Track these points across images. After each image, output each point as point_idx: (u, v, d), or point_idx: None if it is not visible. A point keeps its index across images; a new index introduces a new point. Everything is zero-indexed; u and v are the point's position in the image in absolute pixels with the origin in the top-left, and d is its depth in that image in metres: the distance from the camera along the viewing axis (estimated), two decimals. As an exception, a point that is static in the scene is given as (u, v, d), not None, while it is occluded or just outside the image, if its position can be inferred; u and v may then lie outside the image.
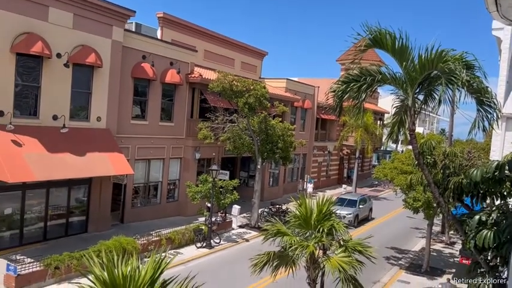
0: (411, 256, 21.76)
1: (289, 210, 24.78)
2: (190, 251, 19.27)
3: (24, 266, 13.90)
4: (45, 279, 14.26)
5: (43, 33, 16.72)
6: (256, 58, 34.22)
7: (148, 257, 5.85)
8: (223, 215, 23.33)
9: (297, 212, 10.29)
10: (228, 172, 24.57)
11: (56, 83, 17.56)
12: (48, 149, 16.61)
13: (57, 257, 14.68)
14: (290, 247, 9.76)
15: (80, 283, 5.55)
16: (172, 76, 23.32)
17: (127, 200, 22.19)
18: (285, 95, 32.10)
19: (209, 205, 20.96)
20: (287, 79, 34.06)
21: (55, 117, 17.54)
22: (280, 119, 26.03)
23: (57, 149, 16.92)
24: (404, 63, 9.22)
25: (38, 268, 14.14)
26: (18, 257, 15.00)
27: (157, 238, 18.47)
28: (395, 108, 10.12)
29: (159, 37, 24.92)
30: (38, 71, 17.01)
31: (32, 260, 14.36)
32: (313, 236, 9.88)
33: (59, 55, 17.35)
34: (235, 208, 23.81)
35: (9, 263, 13.84)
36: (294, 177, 37.04)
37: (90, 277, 5.47)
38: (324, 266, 9.75)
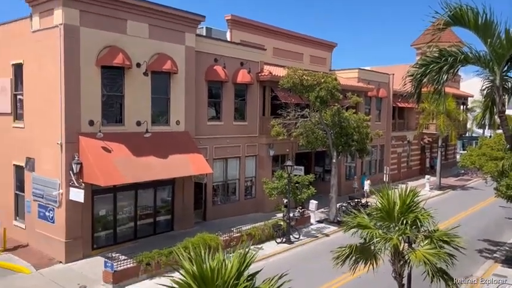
0: (507, 248, 20.08)
1: (369, 203, 24.12)
2: (270, 247, 19.52)
3: (119, 262, 15.00)
4: (138, 275, 15.29)
5: (123, 45, 17.89)
6: (325, 50, 33.69)
7: (231, 253, 6.03)
8: (301, 210, 23.30)
9: (379, 205, 9.98)
10: (302, 167, 24.47)
11: (137, 91, 18.71)
12: (134, 153, 17.77)
13: (147, 254, 15.66)
14: (372, 240, 9.49)
15: (171, 276, 5.88)
16: (243, 76, 23.77)
17: (208, 198, 23.06)
18: (357, 85, 31.23)
19: (286, 201, 21.05)
20: (359, 69, 33.10)
21: (138, 123, 18.70)
22: (354, 111, 25.38)
23: (142, 153, 18.03)
24: (489, 40, 8.55)
25: (131, 265, 15.18)
26: (113, 255, 16.23)
27: (238, 234, 18.96)
28: (485, 90, 9.38)
29: (228, 39, 25.58)
30: (120, 81, 18.24)
31: (125, 257, 15.47)
32: (397, 228, 9.52)
33: (138, 64, 18.46)
34: (313, 203, 23.66)
35: (106, 260, 15.04)
36: (373, 169, 35.94)
37: (180, 271, 5.77)
38: (409, 259, 9.35)
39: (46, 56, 16.95)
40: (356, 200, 26.02)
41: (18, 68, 18.81)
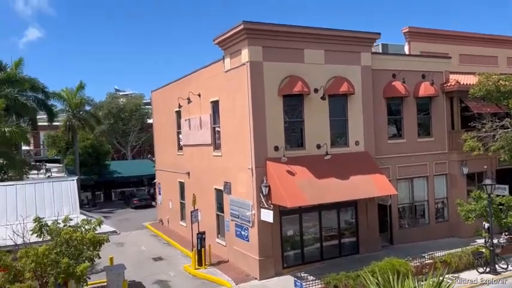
0: None
1: None
2: (471, 276, 17.30)
3: (308, 283, 15.43)
4: (321, 297, 15.43)
5: (301, 74, 18.83)
6: (527, 49, 28.97)
7: (423, 281, 5.60)
8: (508, 236, 20.06)
9: None
10: (506, 186, 21.20)
11: (316, 115, 19.33)
12: (316, 175, 18.27)
13: (335, 276, 15.68)
14: None
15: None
16: (425, 89, 22.28)
17: (393, 221, 21.98)
18: None
19: (487, 225, 18.48)
20: None
21: (318, 146, 19.23)
22: None
23: (323, 175, 18.41)
24: None
25: (319, 286, 15.43)
26: (302, 275, 16.79)
27: (430, 261, 17.45)
28: None
29: (406, 52, 24.49)
30: (300, 108, 19.17)
31: (313, 278, 15.83)
32: None
33: (315, 90, 19.14)
34: (523, 228, 20.14)
35: (296, 279, 15.64)
36: None
37: (367, 296, 5.62)
38: None
39: (236, 91, 19.10)
40: None
41: (215, 105, 21.69)
